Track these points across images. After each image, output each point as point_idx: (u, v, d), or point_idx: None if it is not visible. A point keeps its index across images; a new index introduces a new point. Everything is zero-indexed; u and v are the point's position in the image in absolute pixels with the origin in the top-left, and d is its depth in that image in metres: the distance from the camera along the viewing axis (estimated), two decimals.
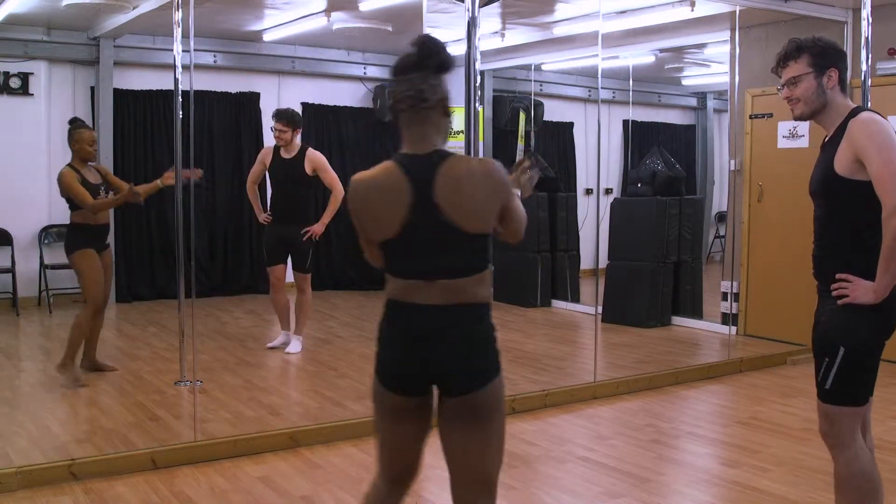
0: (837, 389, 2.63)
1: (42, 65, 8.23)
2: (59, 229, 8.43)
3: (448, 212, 2.19)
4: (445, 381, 2.23)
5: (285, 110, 6.21)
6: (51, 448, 4.08)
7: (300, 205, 6.26)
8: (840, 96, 2.69)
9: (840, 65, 2.69)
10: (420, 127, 2.31)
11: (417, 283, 2.20)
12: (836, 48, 2.73)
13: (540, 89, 10.33)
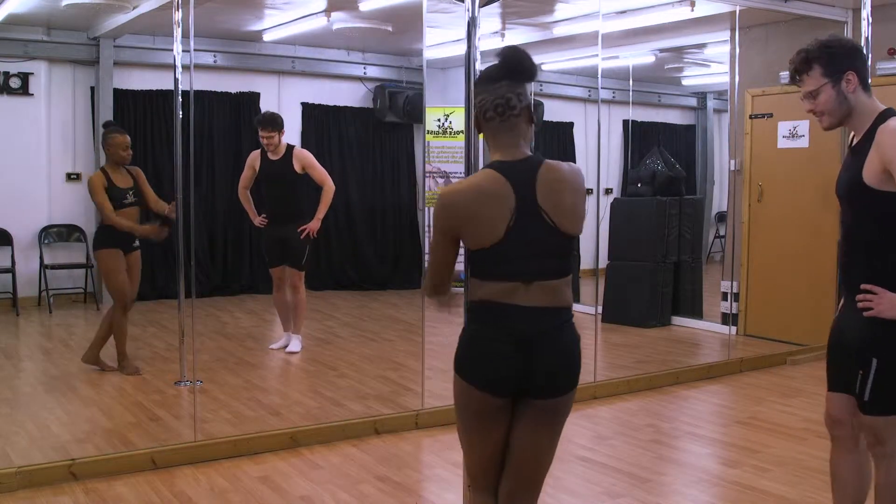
0: (875, 400, 2.55)
1: (42, 65, 8.23)
2: (59, 229, 8.44)
3: (550, 215, 2.24)
4: (546, 382, 2.26)
5: (267, 116, 6.18)
6: (51, 448, 4.08)
7: (293, 204, 6.27)
8: (864, 97, 2.55)
9: (857, 64, 2.54)
10: (509, 134, 2.37)
11: (517, 284, 2.22)
12: (848, 48, 2.58)
13: (540, 89, 10.33)
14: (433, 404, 4.78)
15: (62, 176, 8.47)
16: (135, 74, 8.62)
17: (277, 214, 6.25)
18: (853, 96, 2.54)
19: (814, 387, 5.57)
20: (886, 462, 2.59)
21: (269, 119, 6.12)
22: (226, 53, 9.03)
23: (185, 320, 5.24)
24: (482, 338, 2.27)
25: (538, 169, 2.31)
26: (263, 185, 6.35)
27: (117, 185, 5.44)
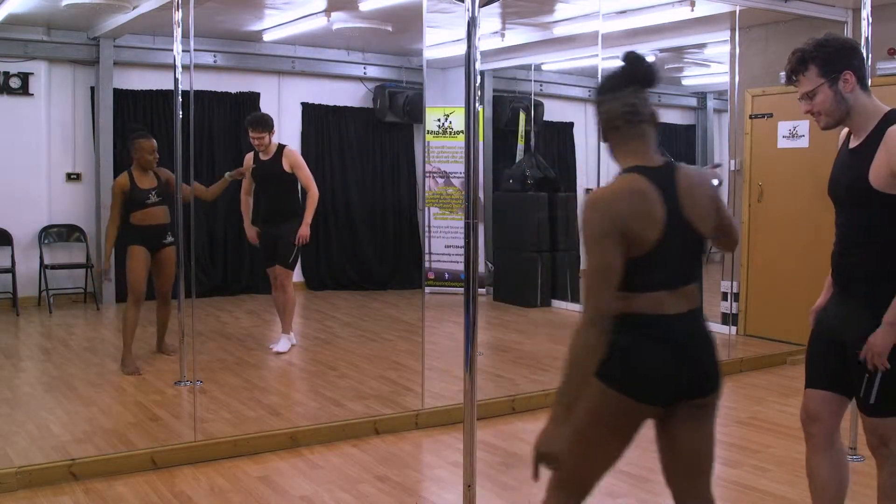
0: (883, 402, 2.54)
1: (42, 65, 8.23)
2: (59, 229, 8.45)
3: (692, 219, 2.22)
4: (705, 381, 2.24)
5: (257, 117, 6.23)
6: (51, 448, 4.08)
7: (284, 203, 6.29)
8: (864, 97, 2.52)
9: (854, 63, 2.50)
10: (640, 140, 2.32)
11: (663, 293, 2.18)
12: (846, 47, 2.54)
13: (540, 89, 10.33)
14: (433, 404, 4.78)
15: (62, 176, 8.47)
16: (135, 74, 8.62)
17: (269, 214, 6.28)
18: (851, 96, 2.51)
19: None
20: (892, 462, 2.58)
21: (257, 120, 6.17)
22: (226, 53, 9.03)
23: (184, 320, 5.24)
24: (639, 351, 2.17)
25: (675, 174, 2.26)
26: (256, 186, 6.37)
27: (140, 186, 5.77)
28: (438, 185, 9.52)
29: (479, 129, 8.82)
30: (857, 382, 2.57)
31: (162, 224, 5.86)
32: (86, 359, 6.08)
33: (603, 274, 2.09)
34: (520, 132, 9.95)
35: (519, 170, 9.17)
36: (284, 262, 6.24)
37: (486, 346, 6.60)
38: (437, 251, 9.50)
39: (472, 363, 3.08)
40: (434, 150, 9.47)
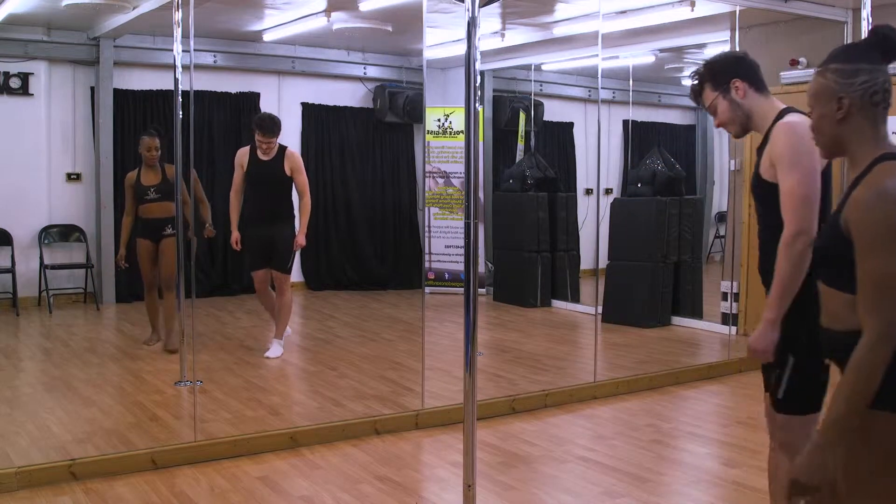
0: (791, 398, 2.55)
1: (42, 65, 8.23)
2: (59, 229, 8.45)
3: None
4: None
5: (269, 121, 5.95)
6: (51, 448, 4.08)
7: (281, 206, 6.09)
8: (760, 100, 2.63)
9: (741, 71, 2.63)
10: (884, 126, 1.98)
11: None
12: (730, 58, 2.70)
13: (540, 89, 10.33)
14: (433, 404, 4.78)
15: (62, 176, 8.47)
16: (135, 74, 8.62)
17: (263, 215, 6.06)
18: (746, 101, 2.63)
19: None
20: (789, 460, 2.57)
21: (270, 124, 5.93)
22: (226, 53, 9.03)
23: (185, 320, 5.24)
24: None
25: None
26: (250, 185, 6.13)
27: (143, 182, 6.16)
28: (438, 185, 9.52)
29: (479, 129, 8.82)
30: (772, 379, 2.60)
31: (161, 218, 6.12)
32: (86, 359, 6.08)
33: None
34: (520, 132, 9.95)
35: (519, 170, 9.17)
36: (283, 266, 6.10)
37: (486, 346, 6.60)
38: (437, 251, 9.51)
39: (472, 363, 3.08)
40: (434, 150, 9.47)
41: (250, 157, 6.08)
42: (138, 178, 6.16)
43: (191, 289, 4.85)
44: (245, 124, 9.25)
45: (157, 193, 6.11)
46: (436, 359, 5.93)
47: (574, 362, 6.24)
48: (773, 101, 2.65)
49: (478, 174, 5.27)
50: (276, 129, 5.96)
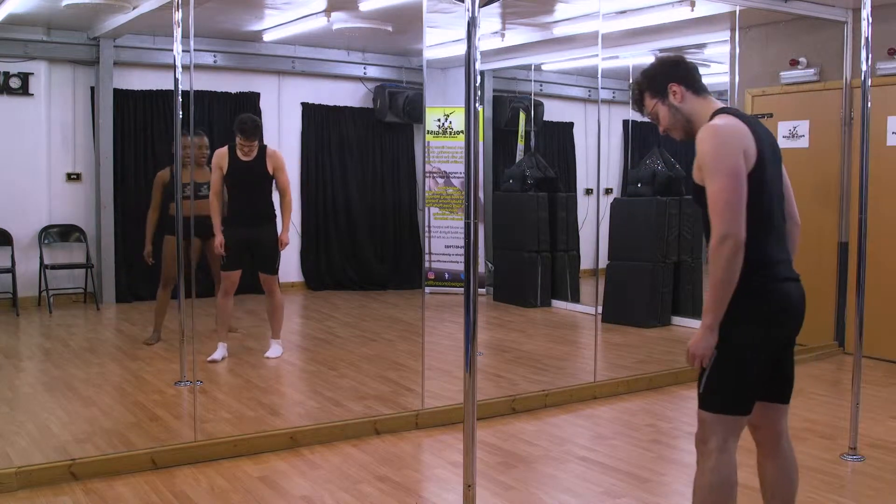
0: (707, 394, 2.56)
1: (42, 65, 8.23)
2: (59, 229, 8.45)
3: None
4: None
5: (249, 124, 5.83)
6: (51, 448, 4.08)
7: (263, 206, 6.01)
8: (698, 103, 2.65)
9: (677, 75, 2.65)
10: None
11: None
12: (666, 63, 2.71)
13: (540, 89, 10.33)
14: (433, 404, 4.78)
15: (62, 176, 8.47)
16: (135, 74, 8.62)
17: (245, 216, 5.95)
18: (684, 105, 2.66)
19: (813, 387, 5.57)
20: (703, 461, 2.57)
21: (252, 127, 5.82)
22: (226, 53, 9.03)
23: (185, 320, 5.24)
24: None
25: None
26: (231, 186, 5.99)
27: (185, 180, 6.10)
28: (438, 185, 9.52)
29: (479, 129, 8.82)
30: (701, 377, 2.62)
31: (208, 215, 6.04)
32: (86, 359, 6.08)
33: None
34: (520, 132, 9.95)
35: (519, 170, 9.17)
36: (272, 268, 6.07)
37: (486, 346, 6.60)
38: (437, 251, 9.51)
39: (472, 363, 3.08)
40: (434, 150, 9.47)
41: (230, 159, 5.91)
42: (172, 175, 6.20)
43: (191, 288, 4.85)
44: None
45: (209, 191, 6.10)
46: (436, 359, 5.93)
47: (574, 362, 6.24)
48: (712, 102, 2.67)
49: (478, 174, 5.27)
50: (257, 131, 5.88)
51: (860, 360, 4.25)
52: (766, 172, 2.52)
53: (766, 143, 2.56)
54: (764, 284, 2.51)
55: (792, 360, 2.69)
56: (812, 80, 6.71)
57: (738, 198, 2.41)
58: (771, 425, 2.73)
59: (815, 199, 6.71)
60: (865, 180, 4.22)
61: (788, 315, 2.57)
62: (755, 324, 2.51)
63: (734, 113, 2.57)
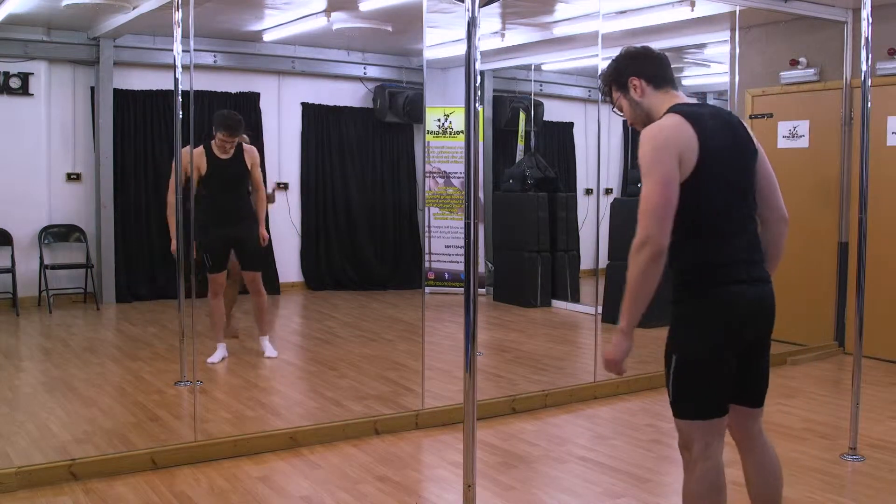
0: (677, 402, 2.55)
1: (42, 65, 8.23)
2: (59, 229, 8.45)
3: None
4: None
5: (233, 120, 5.77)
6: (51, 448, 4.08)
7: (243, 204, 5.96)
8: (657, 97, 2.57)
9: (637, 69, 2.60)
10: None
11: None
12: (628, 56, 2.64)
13: (540, 89, 10.33)
14: (433, 404, 4.78)
15: (62, 176, 8.47)
16: (135, 74, 8.62)
17: (227, 215, 5.85)
18: (644, 99, 2.61)
19: (814, 387, 5.58)
20: (688, 469, 2.53)
21: (237, 124, 5.76)
22: (226, 53, 9.03)
23: (184, 320, 5.24)
24: None
25: None
26: (210, 186, 5.84)
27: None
28: (438, 185, 9.52)
29: (479, 129, 8.81)
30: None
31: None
32: (86, 359, 6.08)
33: None
34: (520, 132, 9.95)
35: (519, 170, 9.18)
36: (260, 265, 6.06)
37: (486, 346, 6.60)
38: (437, 251, 9.50)
39: (472, 363, 3.08)
40: (434, 150, 9.47)
41: (208, 158, 5.77)
42: None
43: (191, 288, 4.85)
44: (246, 124, 9.25)
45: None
46: (436, 359, 5.93)
47: (574, 362, 6.24)
48: (672, 97, 2.57)
49: (478, 174, 5.27)
50: (241, 126, 5.84)
51: (860, 360, 4.25)
52: (713, 173, 2.43)
53: (721, 141, 2.47)
54: (709, 288, 2.48)
55: (763, 363, 2.61)
56: (812, 80, 6.71)
57: (663, 203, 2.36)
58: (742, 428, 2.66)
59: (815, 199, 6.71)
60: (865, 180, 4.22)
61: (740, 317, 2.48)
62: (706, 327, 2.49)
63: (686, 110, 2.47)
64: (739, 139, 2.55)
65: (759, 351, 2.59)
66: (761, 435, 2.67)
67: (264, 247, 6.14)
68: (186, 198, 5.72)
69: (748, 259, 2.52)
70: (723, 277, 2.48)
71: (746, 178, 2.56)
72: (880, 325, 6.06)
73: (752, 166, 2.57)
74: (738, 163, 2.53)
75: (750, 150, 2.57)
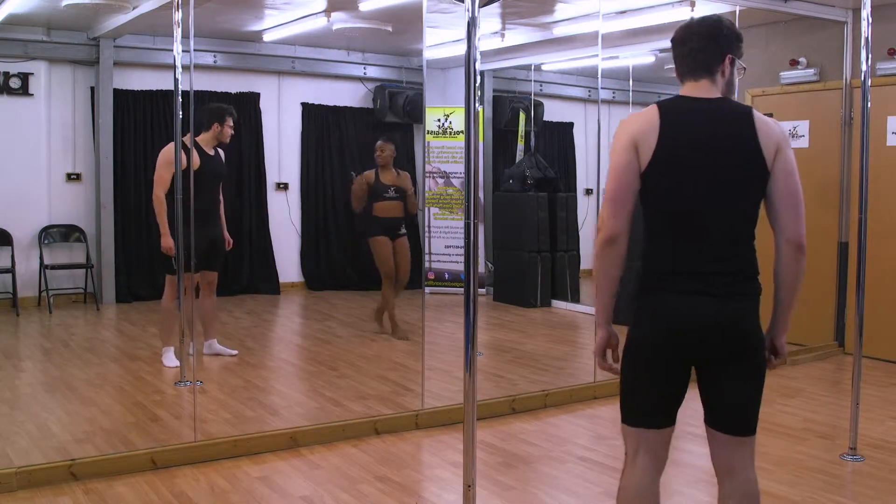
0: (622, 408, 2.50)
1: (42, 65, 8.23)
2: (59, 229, 8.45)
3: None
4: None
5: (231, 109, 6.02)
6: (51, 448, 4.08)
7: (217, 203, 5.93)
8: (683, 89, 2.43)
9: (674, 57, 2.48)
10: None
11: None
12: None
13: (540, 89, 10.33)
14: (433, 404, 4.78)
15: (62, 176, 8.47)
16: (135, 74, 8.62)
17: (209, 214, 5.75)
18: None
19: (814, 387, 5.58)
20: (622, 474, 2.48)
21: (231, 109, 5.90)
22: (226, 53, 9.03)
23: (185, 320, 5.24)
24: None
25: None
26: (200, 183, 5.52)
27: (382, 181, 6.77)
28: (438, 185, 9.52)
29: (479, 129, 8.81)
30: None
31: (396, 217, 6.80)
32: (86, 359, 6.08)
33: None
34: (520, 132, 9.95)
35: (519, 170, 9.18)
36: (222, 266, 6.04)
37: (486, 346, 6.60)
38: (437, 251, 9.50)
39: (472, 363, 3.08)
40: (434, 150, 9.47)
41: (200, 154, 5.68)
42: (377, 177, 6.76)
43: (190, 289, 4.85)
44: (245, 124, 9.26)
45: (395, 193, 6.75)
46: (436, 359, 5.93)
47: (574, 362, 6.24)
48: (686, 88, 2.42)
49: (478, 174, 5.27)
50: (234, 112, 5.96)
51: (860, 360, 4.25)
52: (671, 168, 2.27)
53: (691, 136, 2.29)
54: (650, 294, 2.38)
55: (732, 388, 2.35)
56: (812, 80, 6.71)
57: (616, 189, 2.29)
58: (718, 457, 2.47)
59: (815, 199, 6.70)
60: (865, 180, 4.22)
61: (675, 330, 2.31)
62: (641, 332, 2.41)
63: (665, 103, 2.35)
64: (728, 139, 2.28)
65: (723, 373, 2.34)
66: (744, 471, 2.41)
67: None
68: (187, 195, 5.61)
69: (712, 270, 2.28)
70: (670, 286, 2.32)
71: (731, 182, 2.28)
72: (880, 325, 6.06)
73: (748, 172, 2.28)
74: (716, 163, 2.27)
75: (748, 155, 2.28)
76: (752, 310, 2.32)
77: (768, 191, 2.30)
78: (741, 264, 2.32)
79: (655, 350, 2.38)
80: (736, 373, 2.34)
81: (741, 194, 2.30)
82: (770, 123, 2.34)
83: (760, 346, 2.36)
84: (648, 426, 2.43)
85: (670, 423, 2.44)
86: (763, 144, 2.29)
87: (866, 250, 4.26)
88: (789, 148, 2.33)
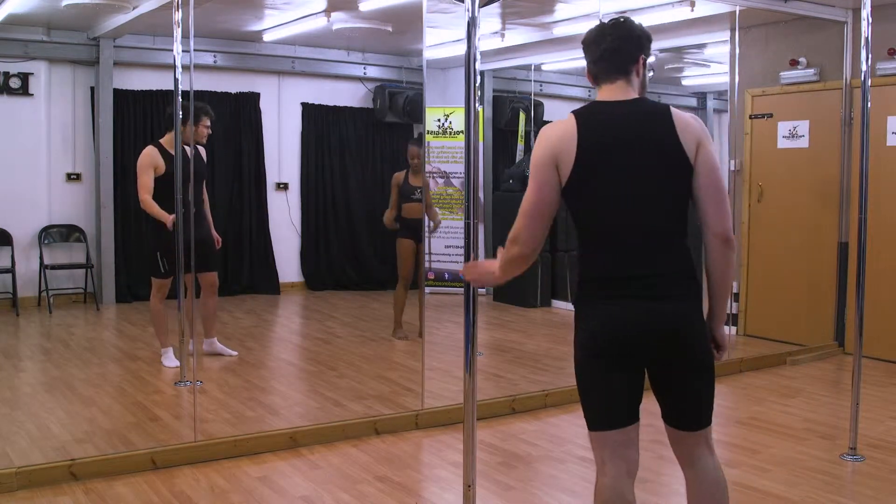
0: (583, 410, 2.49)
1: (42, 65, 8.23)
2: (59, 229, 8.44)
3: None
4: None
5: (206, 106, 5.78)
6: (51, 448, 4.08)
7: (203, 201, 5.92)
8: (599, 93, 2.54)
9: (586, 58, 2.61)
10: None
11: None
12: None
13: (540, 89, 10.33)
14: (433, 404, 4.78)
15: (62, 176, 8.47)
16: (135, 74, 8.62)
17: (199, 215, 5.74)
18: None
19: (814, 387, 5.58)
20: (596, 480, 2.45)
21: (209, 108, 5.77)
22: (226, 53, 9.03)
23: (185, 320, 5.24)
24: None
25: None
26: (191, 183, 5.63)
27: (410, 183, 6.78)
28: (438, 185, 9.52)
29: (479, 129, 8.82)
30: None
31: (422, 219, 6.57)
32: (86, 359, 6.08)
33: None
34: (520, 132, 9.95)
35: (519, 170, 9.17)
36: (218, 266, 6.00)
37: (486, 346, 6.60)
38: (437, 251, 9.50)
39: (472, 363, 3.08)
40: (434, 150, 9.47)
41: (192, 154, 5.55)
42: (406, 179, 6.78)
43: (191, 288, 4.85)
44: (245, 124, 9.27)
45: (421, 195, 6.60)
46: (436, 359, 5.93)
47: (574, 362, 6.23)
48: (602, 93, 2.52)
49: (478, 174, 5.27)
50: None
51: (860, 360, 4.25)
52: (595, 177, 2.29)
53: (610, 140, 2.32)
54: (587, 301, 2.40)
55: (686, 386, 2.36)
56: (812, 80, 6.72)
57: (537, 209, 2.34)
58: (677, 449, 2.48)
59: (814, 199, 6.71)
60: (865, 180, 4.22)
61: (613, 337, 2.31)
62: (579, 338, 2.41)
63: (582, 111, 2.43)
64: (649, 139, 2.30)
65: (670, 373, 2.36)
66: (704, 458, 2.42)
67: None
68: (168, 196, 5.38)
69: (646, 273, 2.29)
70: (601, 292, 2.35)
71: (655, 181, 2.28)
72: (880, 325, 6.06)
73: (671, 170, 2.29)
74: (638, 164, 2.28)
75: (670, 153, 2.28)
76: (692, 310, 2.36)
77: (693, 187, 2.31)
78: (675, 264, 2.34)
79: (599, 356, 2.38)
80: (682, 371, 2.36)
81: (667, 193, 2.31)
82: (689, 119, 2.34)
83: (704, 344, 2.38)
84: (610, 427, 2.42)
85: (633, 421, 2.40)
86: (684, 141, 2.29)
87: (866, 250, 4.26)
88: (710, 143, 2.34)
